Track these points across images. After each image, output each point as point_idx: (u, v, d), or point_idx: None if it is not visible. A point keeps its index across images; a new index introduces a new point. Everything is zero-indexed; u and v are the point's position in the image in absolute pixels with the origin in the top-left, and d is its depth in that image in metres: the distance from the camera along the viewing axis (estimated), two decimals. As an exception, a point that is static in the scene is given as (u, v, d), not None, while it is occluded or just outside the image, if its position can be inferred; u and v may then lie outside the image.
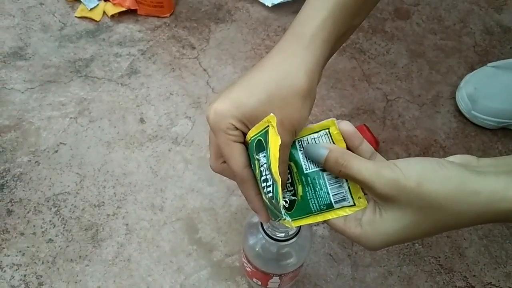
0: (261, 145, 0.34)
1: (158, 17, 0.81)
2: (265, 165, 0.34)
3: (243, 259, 0.53)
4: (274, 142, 0.32)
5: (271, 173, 0.33)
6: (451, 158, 0.33)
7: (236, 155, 0.35)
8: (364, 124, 0.66)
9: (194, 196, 0.63)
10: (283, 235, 0.44)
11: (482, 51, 0.80)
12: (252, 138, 0.35)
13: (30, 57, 0.75)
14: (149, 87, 0.72)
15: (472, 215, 0.29)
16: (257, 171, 0.35)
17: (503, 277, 0.59)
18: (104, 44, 0.77)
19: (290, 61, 0.35)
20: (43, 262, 0.57)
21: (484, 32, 0.83)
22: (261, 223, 0.45)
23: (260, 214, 0.38)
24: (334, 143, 0.35)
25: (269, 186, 0.34)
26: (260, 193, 0.36)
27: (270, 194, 0.34)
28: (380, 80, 0.76)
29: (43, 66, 0.74)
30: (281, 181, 0.32)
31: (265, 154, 0.33)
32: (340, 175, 0.33)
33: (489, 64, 0.74)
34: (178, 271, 0.57)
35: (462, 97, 0.71)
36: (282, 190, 0.34)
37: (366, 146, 0.35)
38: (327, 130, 0.36)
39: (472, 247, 0.61)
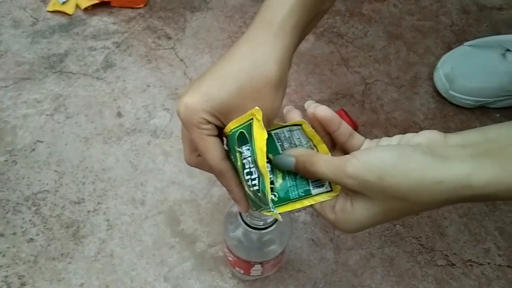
0: (244, 138, 0.34)
1: (132, 8, 0.79)
2: (249, 158, 0.33)
3: (225, 249, 0.53)
4: (260, 136, 0.32)
5: (256, 166, 0.33)
6: (418, 138, 0.33)
7: (211, 149, 0.35)
8: (342, 109, 0.66)
9: (175, 188, 0.62)
10: (262, 223, 0.44)
11: (459, 30, 0.80)
12: (233, 131, 0.34)
13: (2, 55, 0.74)
14: (126, 80, 0.71)
15: (437, 202, 0.30)
16: (239, 163, 0.34)
17: (483, 254, 0.60)
18: (78, 38, 0.76)
19: (259, 50, 0.34)
20: (24, 262, 0.57)
21: (461, 11, 0.83)
22: (240, 213, 0.45)
23: (240, 204, 0.38)
24: (309, 137, 0.36)
25: (254, 179, 0.34)
26: (241, 183, 0.36)
27: (256, 187, 0.34)
28: (358, 63, 0.75)
29: (16, 63, 0.73)
30: None
31: (249, 147, 0.33)
32: (310, 177, 0.35)
33: (466, 43, 0.74)
34: (161, 264, 0.57)
35: (440, 77, 0.71)
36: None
37: (344, 129, 0.35)
38: (299, 127, 0.36)
39: (452, 226, 0.62)
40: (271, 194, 0.34)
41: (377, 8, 0.82)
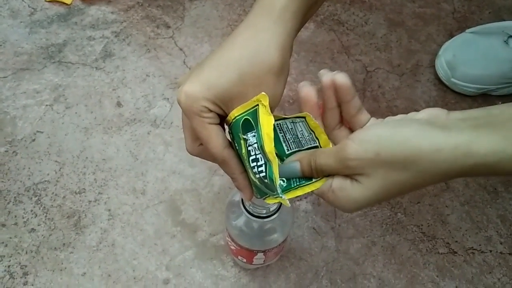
0: (249, 125, 0.33)
1: (130, -3, 0.79)
2: (255, 145, 0.33)
3: (227, 238, 0.53)
4: (267, 121, 0.32)
5: (263, 152, 0.32)
6: (420, 114, 0.33)
7: (214, 137, 0.35)
8: (344, 97, 0.65)
9: (175, 178, 0.62)
10: (264, 211, 0.44)
11: (461, 17, 0.80)
12: (237, 118, 0.34)
13: (0, 45, 0.73)
14: (125, 70, 0.71)
15: (438, 172, 0.29)
16: (244, 150, 0.34)
17: (484, 241, 0.60)
18: (77, 27, 0.75)
19: (260, 37, 0.34)
20: (26, 252, 0.57)
21: (463, -2, 0.82)
22: (242, 202, 0.45)
23: (244, 192, 0.37)
24: (311, 129, 0.36)
25: (260, 165, 0.33)
26: (245, 171, 0.36)
27: (263, 174, 0.33)
28: (359, 51, 0.75)
29: (14, 53, 0.72)
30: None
31: (255, 134, 0.33)
32: (317, 175, 0.35)
33: (467, 30, 0.73)
34: (163, 253, 0.57)
35: (441, 64, 0.71)
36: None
37: (356, 101, 0.35)
38: (303, 119, 0.36)
39: (454, 214, 0.62)
40: (280, 179, 0.34)
41: (378, -5, 0.81)
